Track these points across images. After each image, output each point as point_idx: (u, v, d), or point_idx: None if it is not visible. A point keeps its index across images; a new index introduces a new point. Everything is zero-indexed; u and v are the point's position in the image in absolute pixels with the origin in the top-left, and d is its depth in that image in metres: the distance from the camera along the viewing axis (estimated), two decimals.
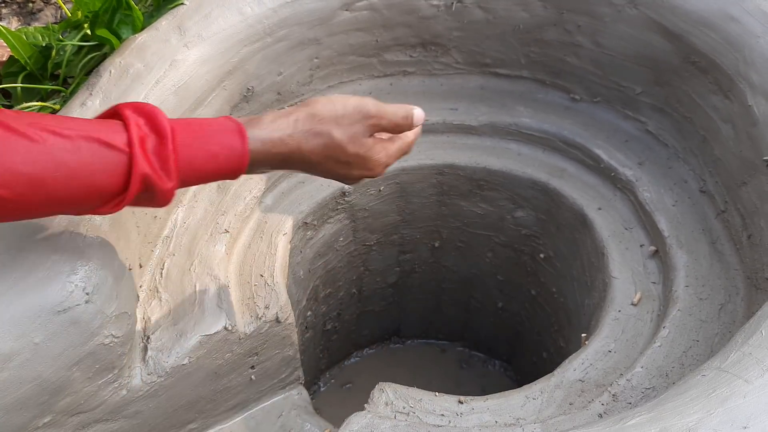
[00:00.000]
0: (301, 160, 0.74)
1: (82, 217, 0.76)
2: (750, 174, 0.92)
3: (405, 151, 0.80)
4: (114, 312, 0.75)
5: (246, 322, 0.91)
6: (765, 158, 0.89)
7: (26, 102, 1.04)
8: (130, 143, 0.64)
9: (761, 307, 0.73)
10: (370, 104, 0.75)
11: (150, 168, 0.65)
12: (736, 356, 0.66)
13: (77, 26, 1.10)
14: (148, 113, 0.66)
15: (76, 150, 0.62)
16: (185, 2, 1.02)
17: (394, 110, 0.77)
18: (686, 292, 0.93)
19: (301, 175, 1.14)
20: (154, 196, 0.67)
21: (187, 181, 0.69)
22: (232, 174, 0.71)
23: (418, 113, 0.79)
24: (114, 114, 0.68)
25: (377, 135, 0.77)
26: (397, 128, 0.78)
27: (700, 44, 0.98)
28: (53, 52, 1.06)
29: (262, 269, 0.98)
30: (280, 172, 1.12)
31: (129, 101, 0.70)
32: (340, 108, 0.73)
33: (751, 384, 0.62)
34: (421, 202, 1.26)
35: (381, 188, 1.20)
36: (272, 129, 0.71)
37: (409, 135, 0.80)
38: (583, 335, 0.98)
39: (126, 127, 0.65)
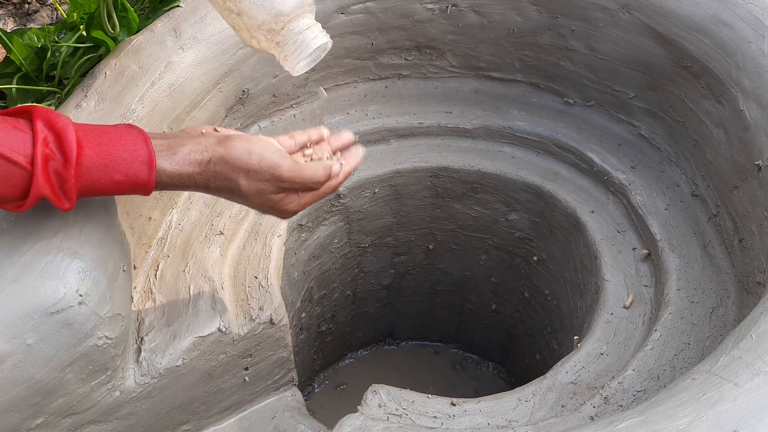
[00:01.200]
0: (208, 193, 0.76)
1: (76, 218, 0.76)
2: (741, 178, 0.93)
3: (324, 196, 0.80)
4: (107, 313, 0.75)
5: (240, 324, 0.91)
6: (756, 163, 0.89)
7: (21, 103, 1.04)
8: (33, 161, 0.64)
9: (752, 310, 0.74)
10: (285, 168, 0.74)
11: (49, 189, 0.66)
12: (726, 360, 0.66)
13: (73, 28, 1.10)
14: (58, 131, 0.66)
15: None
16: (181, 5, 1.03)
17: (311, 174, 0.76)
18: (678, 295, 0.94)
19: None
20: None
21: (87, 196, 0.70)
22: (135, 194, 0.72)
23: (336, 170, 0.78)
24: (26, 114, 0.67)
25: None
26: (315, 186, 0.77)
27: (692, 49, 0.99)
28: (49, 54, 1.06)
29: (256, 271, 0.98)
30: None
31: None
32: (254, 162, 0.73)
33: (740, 388, 0.62)
34: (415, 204, 1.26)
35: (375, 191, 1.20)
36: (185, 163, 0.72)
37: (330, 183, 0.79)
38: (575, 338, 0.98)
39: (33, 140, 0.65)
